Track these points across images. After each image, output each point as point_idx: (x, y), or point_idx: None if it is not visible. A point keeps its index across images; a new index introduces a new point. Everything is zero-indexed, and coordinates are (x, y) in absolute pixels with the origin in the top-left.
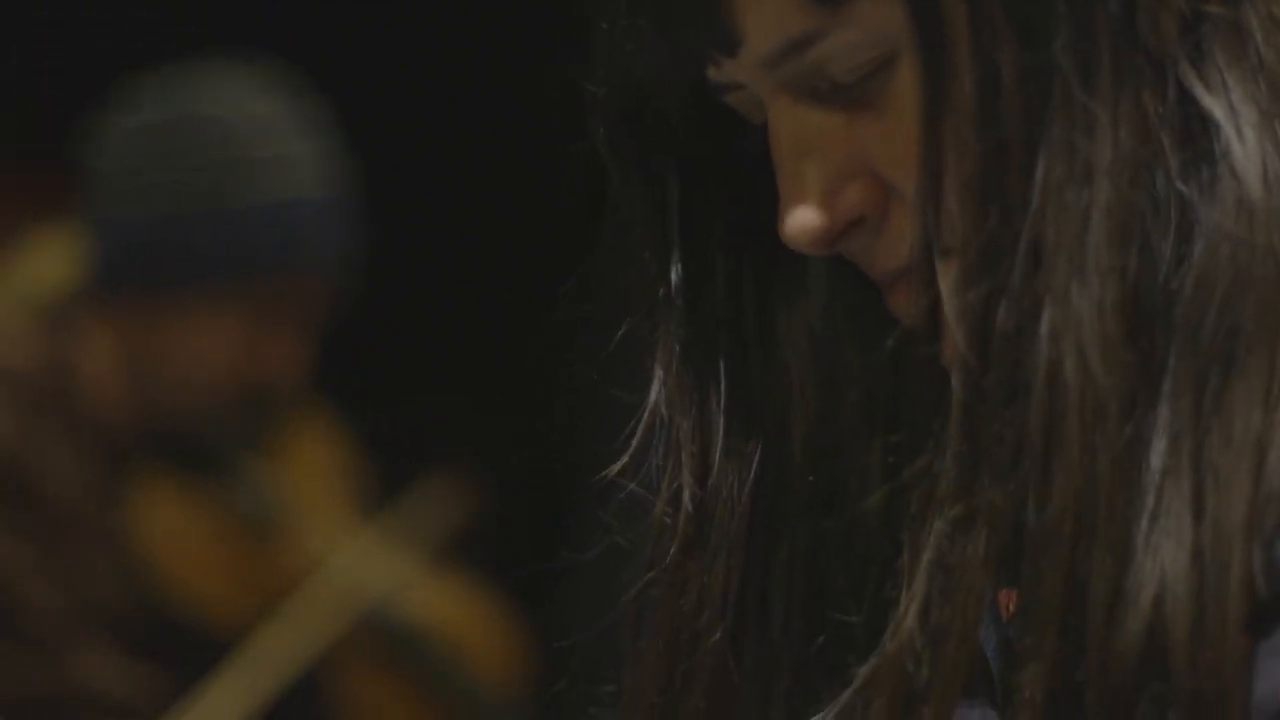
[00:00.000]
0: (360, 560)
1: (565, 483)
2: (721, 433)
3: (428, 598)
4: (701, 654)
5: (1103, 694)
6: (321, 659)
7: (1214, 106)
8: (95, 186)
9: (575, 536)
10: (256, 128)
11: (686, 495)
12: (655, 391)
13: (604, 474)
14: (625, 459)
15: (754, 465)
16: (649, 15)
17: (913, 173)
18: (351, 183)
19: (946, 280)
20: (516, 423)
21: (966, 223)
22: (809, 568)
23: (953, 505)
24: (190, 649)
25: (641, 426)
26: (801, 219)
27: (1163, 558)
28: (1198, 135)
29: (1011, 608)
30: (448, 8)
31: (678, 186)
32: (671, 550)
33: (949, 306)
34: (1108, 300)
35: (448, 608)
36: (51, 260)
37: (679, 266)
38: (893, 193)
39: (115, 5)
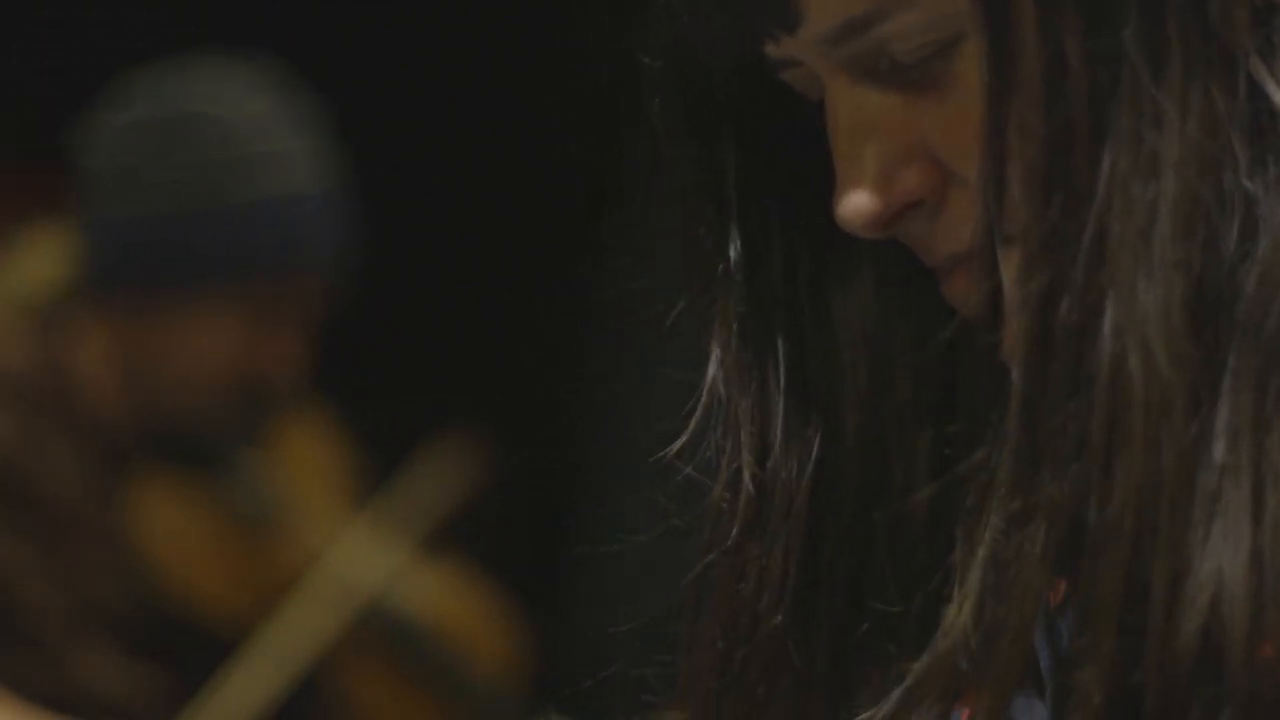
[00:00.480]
0: (358, 555)
1: (569, 474)
2: (781, 413)
3: (427, 591)
4: (760, 637)
5: (1160, 695)
6: (322, 654)
7: None
8: (91, 186)
9: (580, 525)
10: (252, 124)
11: (747, 476)
12: (712, 369)
13: (660, 455)
14: (683, 439)
15: (814, 448)
16: None
17: (973, 157)
18: (348, 179)
19: (1009, 269)
20: (517, 415)
21: (1030, 210)
22: (860, 556)
23: (1010, 500)
24: (190, 646)
25: (699, 406)
26: (856, 201)
27: (1221, 558)
28: (1266, 130)
29: (1058, 596)
30: (447, 6)
31: (735, 160)
32: (732, 532)
33: (1011, 296)
34: (1173, 295)
35: (447, 600)
36: (48, 260)
37: (738, 241)
38: (951, 177)
39: (111, 4)
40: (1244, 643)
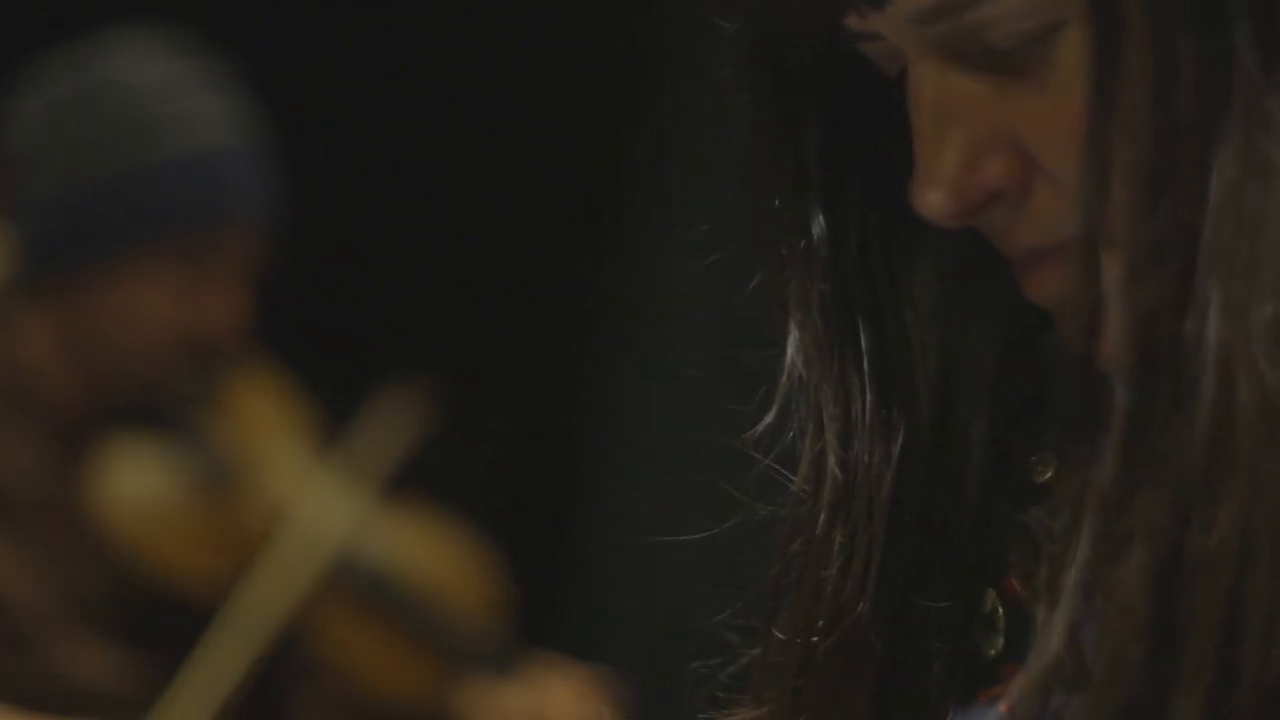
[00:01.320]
0: (324, 506)
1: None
2: (867, 396)
3: (397, 537)
4: (845, 627)
5: None
6: (297, 609)
7: None
8: (15, 171)
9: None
10: (162, 86)
11: (831, 460)
12: (791, 350)
13: (742, 440)
14: (767, 421)
15: (900, 432)
16: None
17: (1065, 151)
18: (265, 130)
19: (1110, 274)
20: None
21: (1135, 213)
22: (917, 545)
23: (1108, 520)
24: (168, 617)
25: (779, 390)
26: (937, 189)
27: None
28: None
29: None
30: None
31: (816, 130)
32: (819, 519)
33: (1113, 304)
34: None
35: (419, 546)
36: None
37: (820, 215)
38: (1037, 169)
39: None
40: None
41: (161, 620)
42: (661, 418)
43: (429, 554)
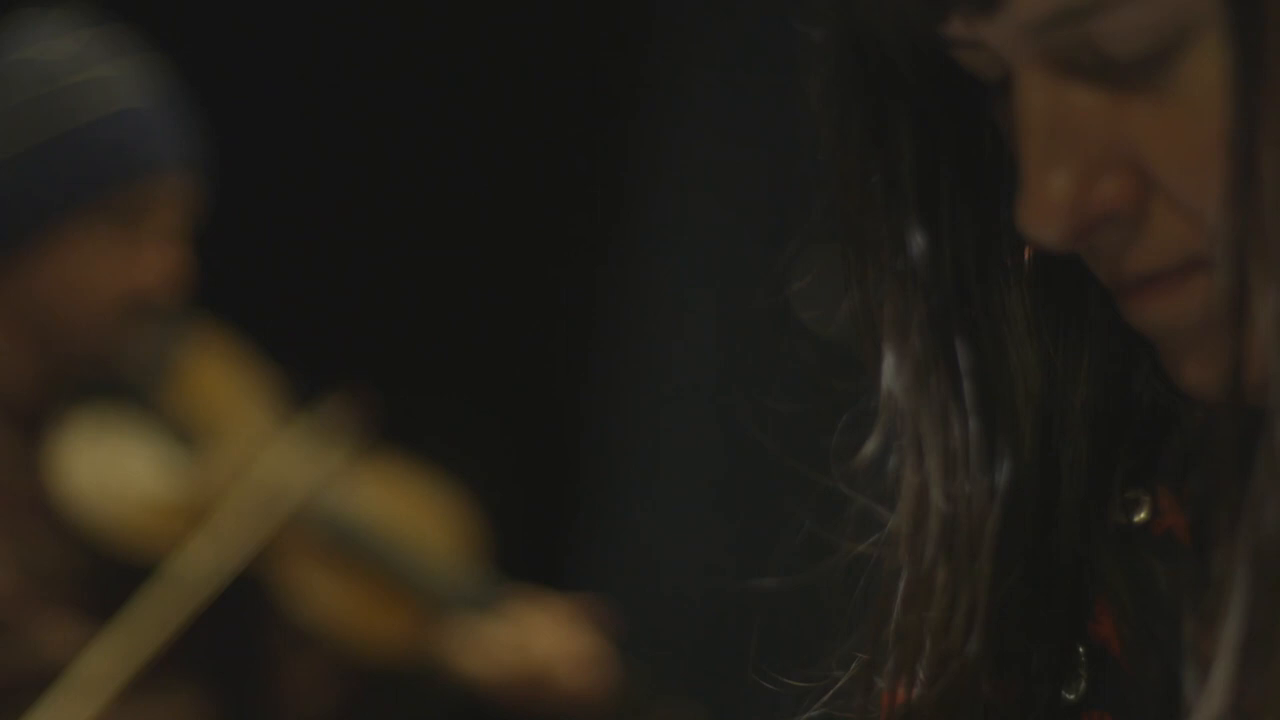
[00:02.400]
0: (288, 463)
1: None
2: (965, 423)
3: (367, 488)
4: (952, 671)
5: None
6: (265, 561)
7: None
8: None
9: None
10: (68, 58)
11: (935, 494)
12: (887, 378)
13: (828, 478)
14: (869, 451)
15: (1005, 464)
16: None
17: (1193, 169)
18: (175, 90)
19: (1265, 306)
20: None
21: None
22: (1028, 577)
23: (1273, 570)
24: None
25: (878, 421)
26: (1047, 211)
27: None
28: None
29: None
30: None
31: (911, 145)
32: (924, 556)
33: (1268, 338)
34: None
35: (390, 495)
36: None
37: (918, 232)
38: (1155, 189)
39: None
40: None
41: (132, 590)
42: (665, 429)
43: (399, 500)
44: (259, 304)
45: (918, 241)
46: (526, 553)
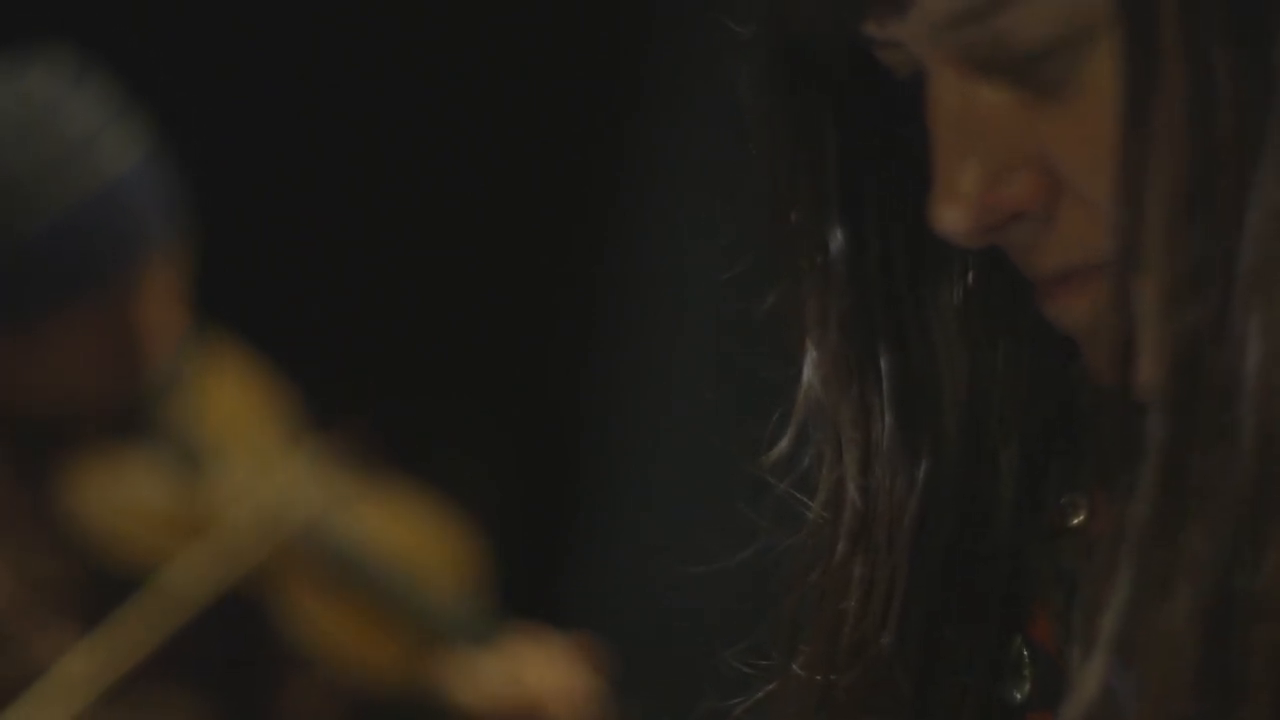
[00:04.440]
0: (294, 486)
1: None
2: (888, 418)
3: (370, 516)
4: (866, 660)
5: None
6: (266, 586)
7: None
8: None
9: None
10: (53, 115)
11: (851, 487)
12: (808, 371)
13: (756, 466)
14: (782, 445)
15: (923, 457)
16: None
17: (1095, 169)
18: (154, 143)
19: (1147, 299)
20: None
21: (1171, 237)
22: (947, 579)
23: (1150, 556)
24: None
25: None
26: (956, 207)
27: None
28: None
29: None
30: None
31: (835, 140)
32: (838, 547)
33: (1150, 331)
34: None
35: (393, 524)
36: None
37: (840, 229)
38: (1063, 187)
39: None
40: None
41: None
42: (665, 430)
43: (401, 530)
44: (256, 304)
45: (838, 239)
46: (526, 553)
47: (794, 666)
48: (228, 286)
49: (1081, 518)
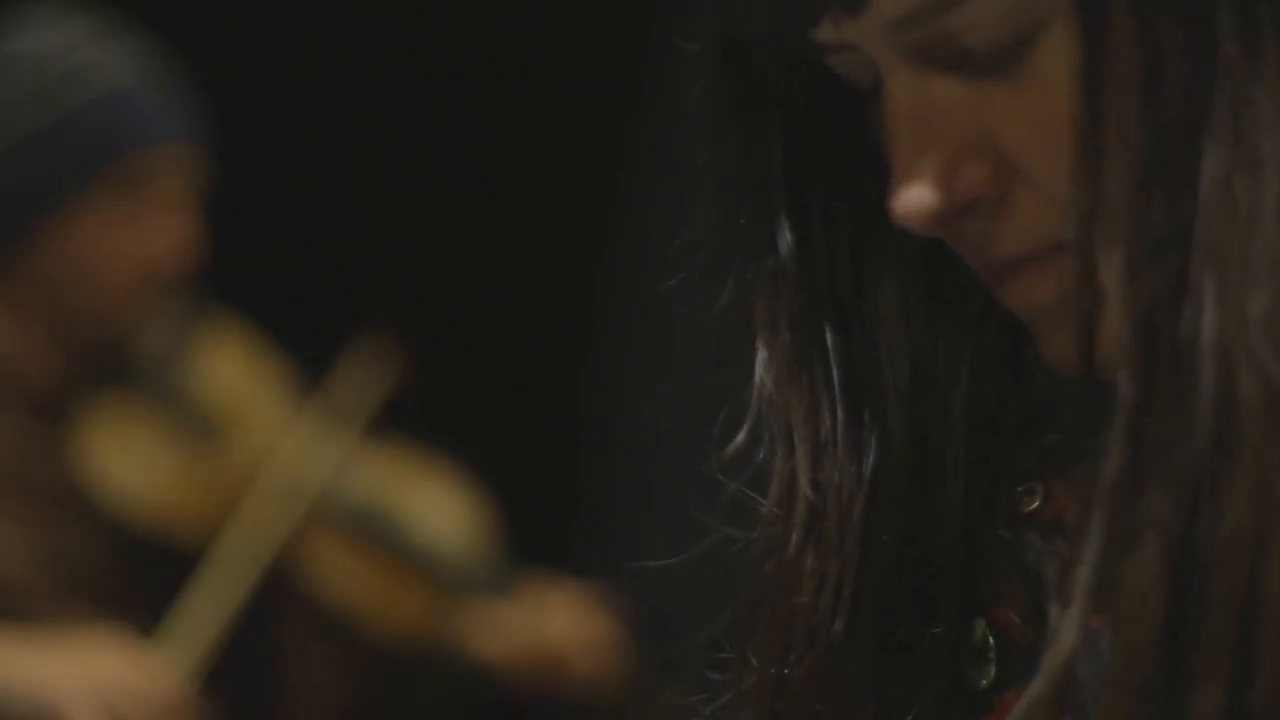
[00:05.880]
0: (305, 448)
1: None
2: (838, 414)
3: (382, 473)
4: (819, 651)
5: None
6: (287, 549)
7: None
8: None
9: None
10: (59, 47)
11: (803, 481)
12: (760, 371)
13: (711, 463)
14: (737, 441)
15: (871, 451)
16: None
17: (1048, 154)
18: (169, 67)
19: (1109, 273)
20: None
21: (1128, 212)
22: (901, 567)
23: (1117, 515)
24: (170, 572)
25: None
26: (917, 196)
27: None
28: None
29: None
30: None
31: (782, 147)
32: (789, 540)
33: (1114, 301)
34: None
35: (405, 477)
36: None
37: (787, 233)
38: (1018, 174)
39: None
40: None
41: (161, 575)
42: (665, 430)
43: (414, 485)
44: (256, 303)
45: (786, 243)
46: (526, 552)
47: (750, 657)
48: (228, 287)
49: (1037, 504)
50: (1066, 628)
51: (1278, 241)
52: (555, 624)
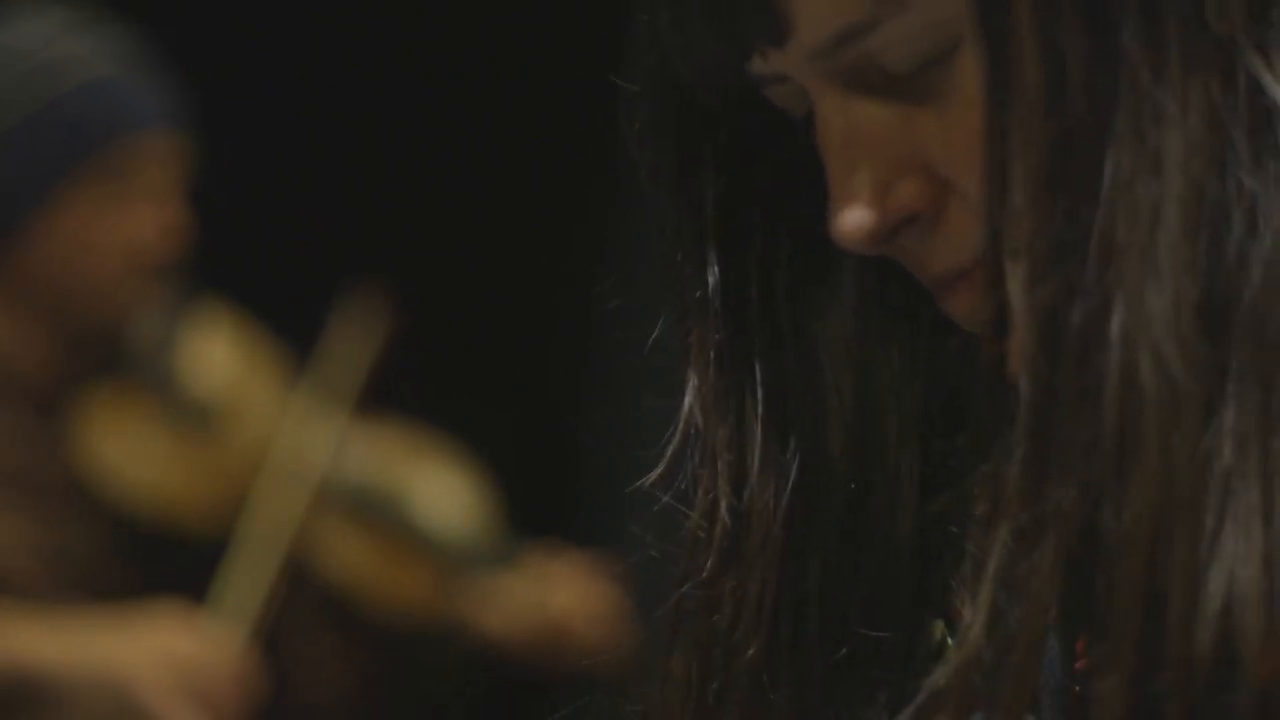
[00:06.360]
0: (304, 432)
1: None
2: (759, 441)
3: (380, 450)
4: (735, 671)
5: (1181, 703)
6: (296, 534)
7: None
8: None
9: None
10: (37, 40)
11: (723, 506)
12: (689, 398)
13: (638, 485)
14: (660, 468)
15: (791, 474)
16: (694, 3)
17: (973, 168)
18: (151, 57)
19: (1015, 279)
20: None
21: (1034, 218)
22: (843, 580)
23: (1020, 512)
24: (174, 560)
25: (677, 434)
26: (853, 216)
27: (1232, 565)
28: (1264, 127)
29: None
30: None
31: (713, 184)
32: (707, 563)
33: (1018, 305)
34: (1182, 297)
35: (403, 455)
36: None
37: (716, 267)
38: (949, 189)
39: None
40: (1257, 650)
41: (165, 564)
42: (665, 430)
43: (412, 462)
44: (256, 303)
45: (715, 274)
46: (527, 525)
47: (670, 673)
48: (228, 287)
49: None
50: (974, 622)
51: (1181, 240)
52: (558, 595)
